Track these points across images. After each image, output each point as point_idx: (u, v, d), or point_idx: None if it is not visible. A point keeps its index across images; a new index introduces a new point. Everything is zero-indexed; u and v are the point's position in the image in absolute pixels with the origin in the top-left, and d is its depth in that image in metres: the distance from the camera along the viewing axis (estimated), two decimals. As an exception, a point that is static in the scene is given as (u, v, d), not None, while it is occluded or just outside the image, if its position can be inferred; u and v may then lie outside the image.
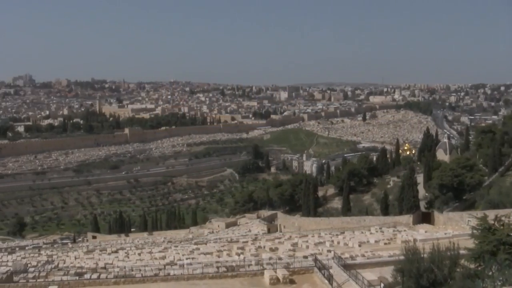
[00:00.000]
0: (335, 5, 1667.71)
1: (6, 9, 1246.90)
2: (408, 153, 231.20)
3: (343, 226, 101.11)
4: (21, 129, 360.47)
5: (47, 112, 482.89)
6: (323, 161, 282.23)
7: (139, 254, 75.83)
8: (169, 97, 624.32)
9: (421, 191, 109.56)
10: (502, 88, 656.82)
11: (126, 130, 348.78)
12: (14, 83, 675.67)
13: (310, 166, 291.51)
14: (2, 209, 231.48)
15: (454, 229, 78.89)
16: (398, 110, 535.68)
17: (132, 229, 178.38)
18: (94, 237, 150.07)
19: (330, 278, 37.59)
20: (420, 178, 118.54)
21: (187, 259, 63.92)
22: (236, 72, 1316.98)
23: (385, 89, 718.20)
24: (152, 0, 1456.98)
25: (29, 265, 62.18)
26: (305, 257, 53.63)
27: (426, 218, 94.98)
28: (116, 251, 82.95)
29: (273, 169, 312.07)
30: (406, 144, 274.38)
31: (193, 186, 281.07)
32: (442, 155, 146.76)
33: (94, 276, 45.03)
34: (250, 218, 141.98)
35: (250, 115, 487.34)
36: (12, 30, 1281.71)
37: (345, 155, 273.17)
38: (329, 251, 62.87)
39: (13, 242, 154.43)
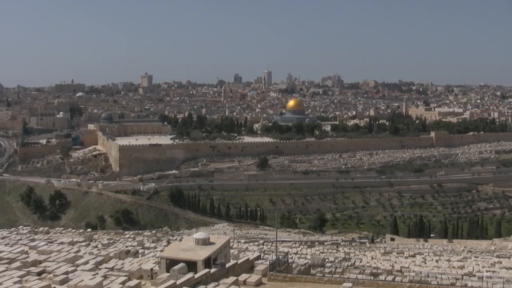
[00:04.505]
0: None
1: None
2: None
3: None
4: (327, 128, 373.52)
5: (354, 112, 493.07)
6: None
7: (437, 261, 74.17)
8: (478, 101, 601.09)
9: None
10: None
11: (432, 134, 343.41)
12: (323, 83, 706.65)
13: None
14: (305, 204, 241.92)
15: None
16: None
17: (431, 235, 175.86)
18: (392, 239, 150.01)
19: None
20: None
21: (487, 271, 60.96)
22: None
23: None
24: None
25: (326, 260, 63.93)
26: None
27: None
28: (413, 255, 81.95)
29: None
30: None
31: (499, 195, 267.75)
32: None
33: (389, 278, 44.56)
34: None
35: None
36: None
37: None
38: None
39: (313, 237, 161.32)
